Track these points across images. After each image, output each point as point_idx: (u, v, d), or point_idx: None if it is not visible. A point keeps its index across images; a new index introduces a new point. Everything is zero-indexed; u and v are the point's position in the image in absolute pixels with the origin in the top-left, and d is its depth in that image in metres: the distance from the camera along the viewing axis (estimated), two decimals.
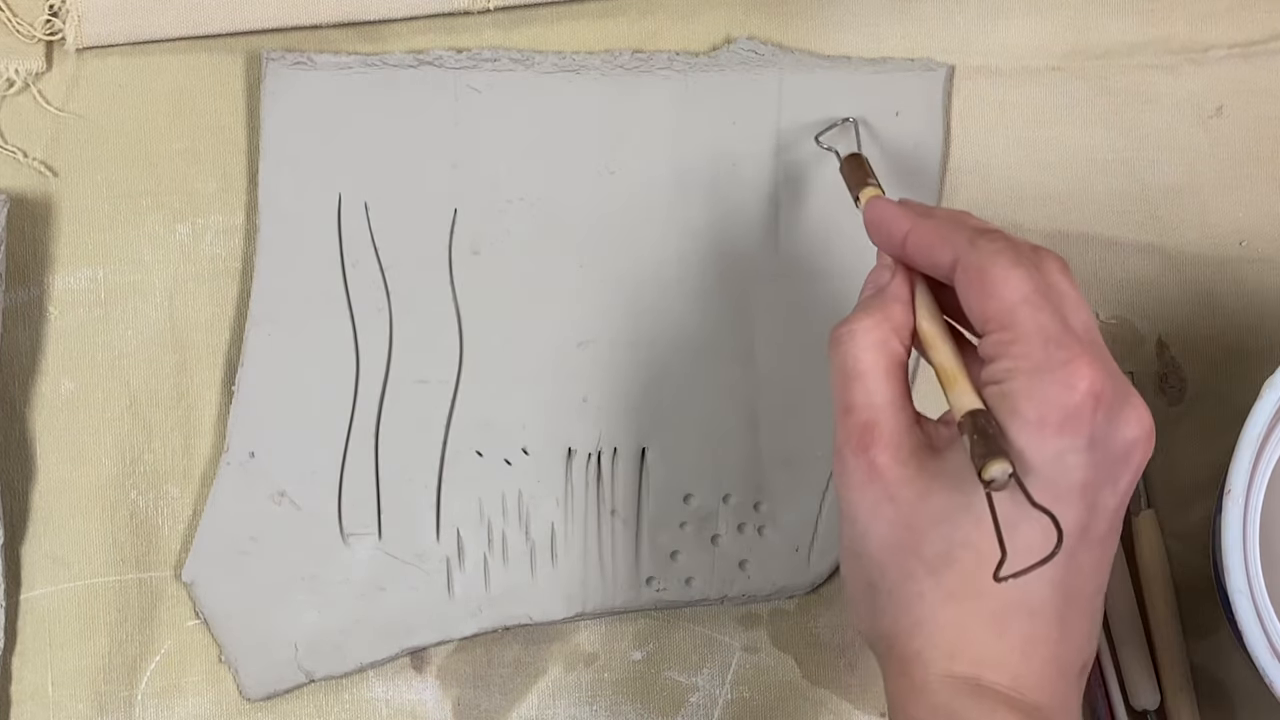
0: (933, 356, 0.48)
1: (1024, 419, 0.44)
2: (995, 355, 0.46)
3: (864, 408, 0.47)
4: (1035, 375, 0.45)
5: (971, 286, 0.47)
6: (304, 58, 0.61)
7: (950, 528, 0.46)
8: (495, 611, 0.61)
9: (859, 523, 0.47)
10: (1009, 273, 0.46)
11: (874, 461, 0.47)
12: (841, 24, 0.64)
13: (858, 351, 0.48)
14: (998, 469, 0.43)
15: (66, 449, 0.61)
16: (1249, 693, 0.62)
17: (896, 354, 0.48)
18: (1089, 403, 0.44)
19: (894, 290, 0.50)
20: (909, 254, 0.50)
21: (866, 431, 0.47)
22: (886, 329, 0.48)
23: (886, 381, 0.48)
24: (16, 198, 0.60)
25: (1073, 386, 0.44)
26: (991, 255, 0.47)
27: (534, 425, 0.61)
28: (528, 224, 0.62)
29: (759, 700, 0.62)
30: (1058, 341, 0.45)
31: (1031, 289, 0.46)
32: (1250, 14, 0.65)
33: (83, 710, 0.60)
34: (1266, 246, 0.65)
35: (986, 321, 0.46)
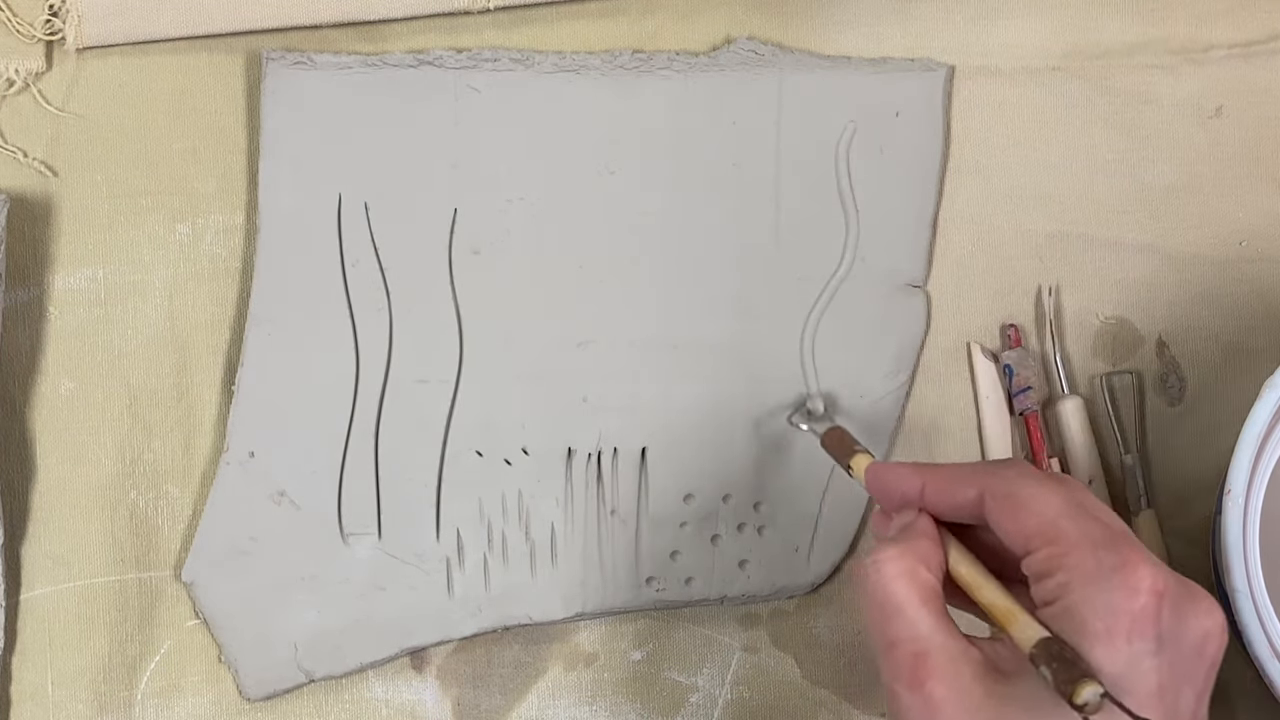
0: (981, 596, 0.47)
1: (1091, 632, 0.43)
2: (1046, 571, 0.45)
3: (909, 639, 0.45)
4: (1094, 584, 0.43)
5: (1005, 511, 0.46)
6: (304, 58, 0.61)
7: None
8: (495, 611, 0.61)
9: None
10: (1039, 489, 0.46)
11: (931, 695, 0.44)
12: (841, 24, 0.64)
13: (888, 583, 0.46)
14: (1089, 692, 0.41)
15: (66, 449, 0.61)
16: (1249, 693, 0.62)
17: (929, 584, 0.46)
18: (1153, 602, 0.43)
19: (921, 526, 0.48)
20: (929, 503, 0.49)
21: (918, 664, 0.45)
22: (914, 559, 0.47)
23: (926, 609, 0.46)
24: (16, 198, 0.60)
25: (1135, 589, 0.43)
26: (1018, 478, 0.46)
27: (534, 425, 0.61)
28: (528, 224, 0.62)
29: (759, 700, 0.62)
30: (1108, 546, 0.44)
31: (1065, 501, 0.45)
32: (1250, 14, 0.65)
33: (83, 710, 0.60)
34: (1266, 246, 0.65)
35: (1029, 540, 0.45)
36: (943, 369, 0.64)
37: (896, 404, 0.63)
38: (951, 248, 0.64)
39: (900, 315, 0.63)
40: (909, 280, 0.63)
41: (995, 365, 0.63)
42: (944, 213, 0.64)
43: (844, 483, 0.62)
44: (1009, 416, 0.63)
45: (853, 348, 0.63)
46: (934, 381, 0.64)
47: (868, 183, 0.63)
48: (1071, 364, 0.64)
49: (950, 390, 0.64)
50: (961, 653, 0.45)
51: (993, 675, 0.45)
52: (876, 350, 0.63)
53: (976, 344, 0.64)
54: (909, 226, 0.63)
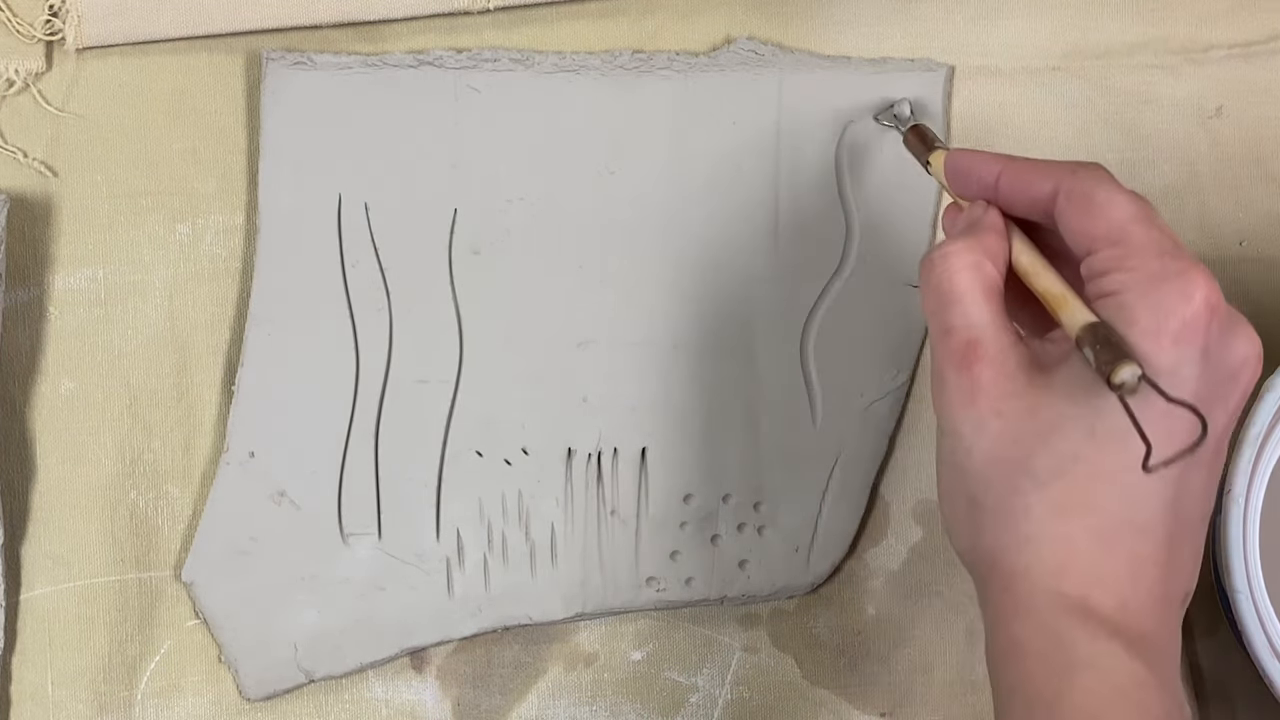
0: (1038, 283, 0.48)
1: (1141, 328, 0.44)
2: (1107, 269, 0.45)
3: (964, 328, 0.47)
4: (1151, 284, 0.44)
5: (1077, 210, 0.47)
6: (304, 58, 0.61)
7: (1060, 441, 0.45)
8: (495, 611, 0.61)
9: (962, 438, 0.47)
10: (1116, 194, 0.46)
11: (978, 377, 0.46)
12: (841, 24, 0.64)
13: (953, 273, 0.48)
14: (1127, 371, 0.42)
15: (66, 449, 0.61)
16: (1249, 693, 0.62)
17: (992, 278, 0.48)
18: (1205, 313, 0.44)
19: (989, 220, 0.49)
20: (1002, 192, 0.50)
21: (970, 349, 0.47)
22: (981, 252, 0.48)
23: (985, 301, 0.47)
24: (16, 198, 0.60)
25: (1190, 296, 0.44)
26: (1097, 180, 0.47)
27: (534, 425, 0.61)
28: (528, 224, 0.62)
29: (759, 700, 0.62)
30: (1172, 254, 0.45)
31: (1139, 209, 0.46)
32: (1250, 14, 0.65)
33: (83, 710, 0.60)
34: (1266, 246, 0.65)
35: (1095, 240, 0.46)
36: None
37: (896, 404, 0.63)
38: None
39: (900, 315, 0.63)
40: (909, 280, 0.63)
41: None
42: None
43: (844, 483, 0.62)
44: None
45: (853, 348, 0.63)
46: None
47: (868, 183, 0.63)
48: None
49: None
50: (1011, 344, 0.47)
51: (1037, 366, 0.47)
52: (876, 350, 0.63)
53: None
54: (909, 226, 0.63)
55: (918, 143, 0.58)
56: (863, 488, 0.63)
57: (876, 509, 0.63)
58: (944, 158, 0.53)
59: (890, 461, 0.63)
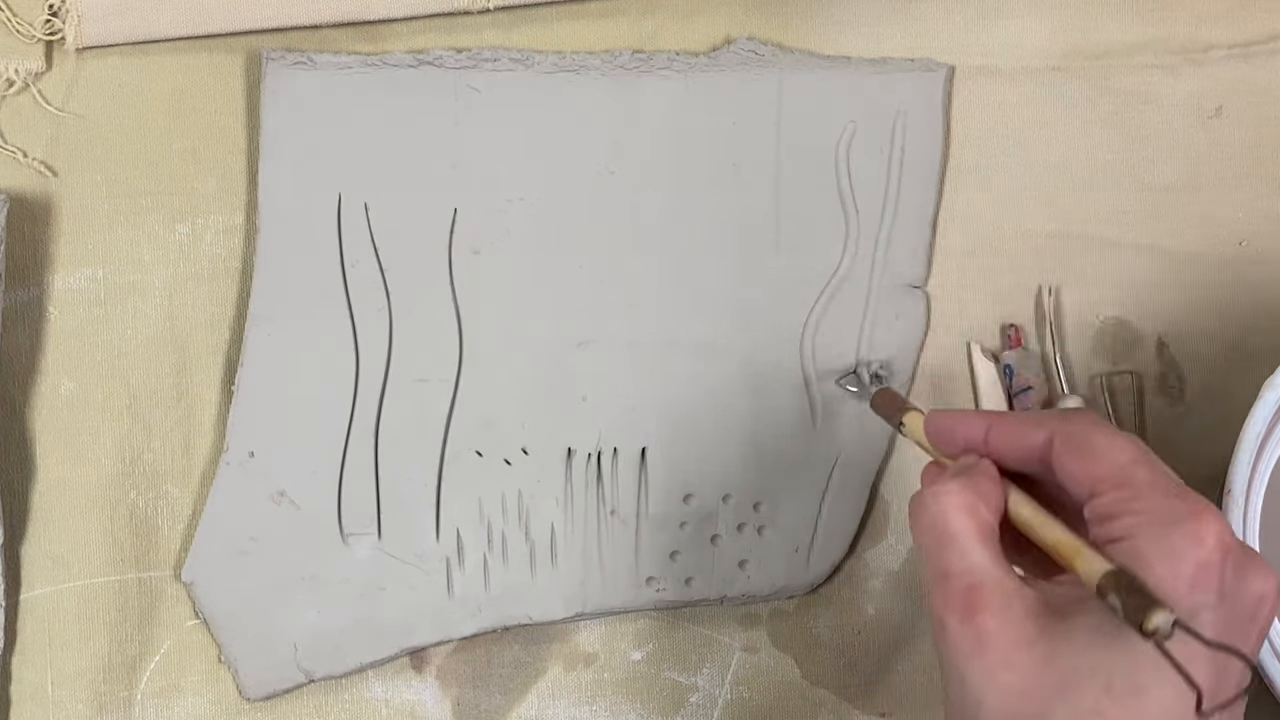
0: (1045, 535, 0.46)
1: (1155, 574, 0.43)
2: (1113, 513, 0.44)
3: (963, 572, 0.45)
4: (1162, 528, 0.43)
5: (1075, 454, 0.46)
6: (304, 58, 0.61)
7: (1077, 695, 0.43)
8: (495, 611, 0.61)
9: (970, 691, 0.45)
10: (1114, 437, 0.46)
11: (983, 626, 0.44)
12: (841, 24, 0.64)
13: (948, 514, 0.46)
14: (1161, 618, 0.41)
15: (66, 449, 0.61)
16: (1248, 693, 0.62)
17: (989, 522, 0.46)
18: (1218, 554, 0.43)
19: (983, 467, 0.48)
20: (993, 445, 0.48)
21: (971, 595, 0.45)
22: (975, 496, 0.47)
23: (983, 545, 0.46)
24: (16, 198, 0.60)
25: (1202, 539, 0.43)
26: (1091, 425, 0.46)
27: (534, 425, 0.61)
28: (528, 224, 0.62)
29: (759, 700, 0.62)
30: (1179, 495, 0.44)
31: (1139, 450, 0.45)
32: (1250, 14, 0.65)
33: (83, 710, 0.60)
34: (1266, 246, 0.65)
35: (1097, 483, 0.45)
36: (943, 369, 0.64)
37: None
38: (951, 248, 0.64)
39: (900, 315, 0.63)
40: (909, 280, 0.63)
41: (995, 365, 0.63)
42: (944, 213, 0.64)
43: (844, 483, 0.62)
44: None
45: (853, 348, 0.63)
46: (934, 381, 0.64)
47: (868, 183, 0.63)
48: (1071, 364, 0.64)
49: (950, 390, 0.64)
50: (1016, 589, 0.45)
51: (1047, 612, 0.45)
52: (876, 351, 0.63)
53: (976, 344, 0.64)
54: (909, 226, 0.63)
55: (887, 406, 0.57)
56: (863, 488, 0.63)
57: (876, 509, 0.63)
58: (923, 421, 0.52)
59: (890, 461, 0.63)
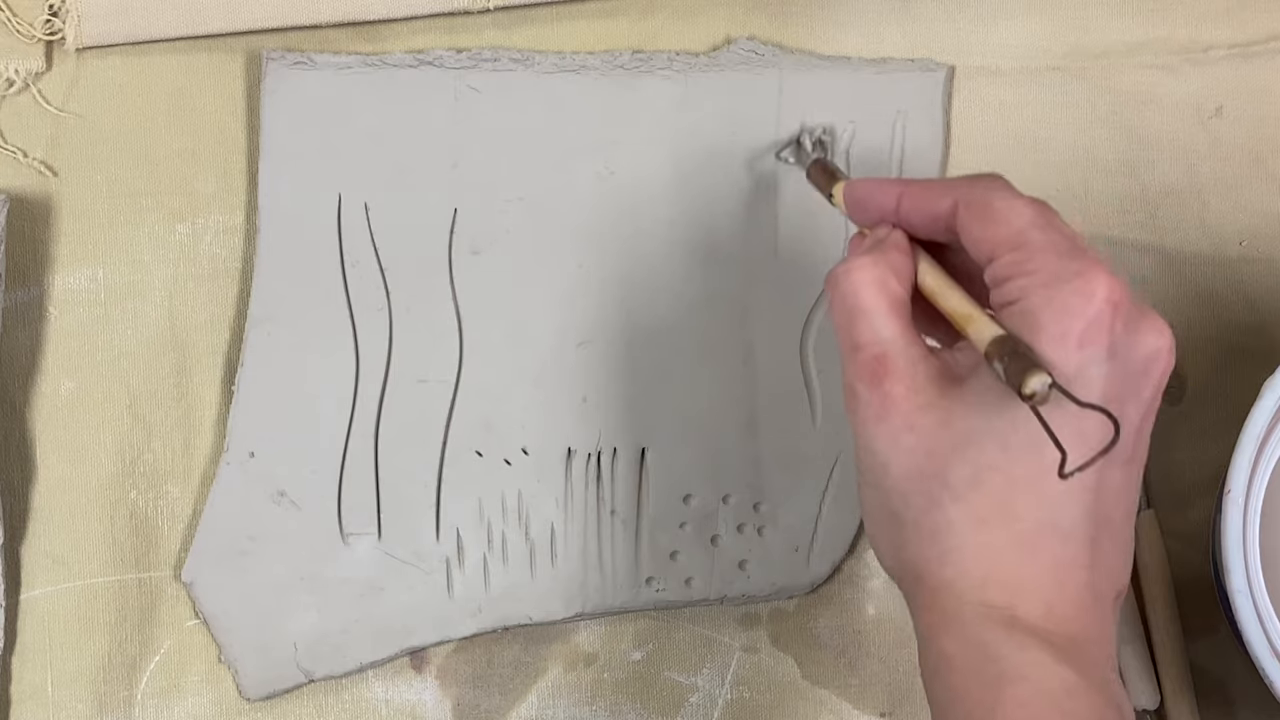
0: (944, 303, 0.48)
1: (1045, 333, 0.44)
2: (1008, 274, 0.46)
3: (872, 343, 0.47)
4: (1052, 287, 0.44)
5: (976, 219, 0.47)
6: (304, 58, 0.61)
7: (976, 451, 0.45)
8: (495, 611, 0.61)
9: (877, 455, 0.47)
10: (1013, 200, 0.47)
11: (889, 393, 0.46)
12: (841, 24, 0.64)
13: (859, 289, 0.48)
14: (1037, 381, 0.42)
15: (66, 448, 0.61)
16: (1249, 693, 0.62)
17: (898, 293, 0.48)
18: (1108, 310, 0.44)
19: (893, 239, 0.49)
20: (904, 214, 0.50)
21: (878, 364, 0.47)
22: (886, 269, 0.48)
23: (892, 316, 0.47)
24: (16, 198, 0.60)
25: (1091, 295, 0.44)
26: (994, 188, 0.47)
27: (534, 425, 0.61)
28: (528, 224, 0.62)
29: (759, 700, 0.62)
30: (1071, 254, 0.45)
31: (1037, 213, 0.46)
32: (1250, 14, 0.65)
33: (83, 710, 0.60)
34: (1266, 246, 0.65)
35: (995, 247, 0.46)
36: None
37: None
38: None
39: None
40: None
41: None
42: None
43: (844, 483, 0.62)
44: None
45: None
46: None
47: None
48: None
49: None
50: (920, 357, 0.47)
51: (947, 378, 0.47)
52: None
53: None
54: None
55: (821, 176, 0.57)
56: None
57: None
58: (845, 185, 0.53)
59: None
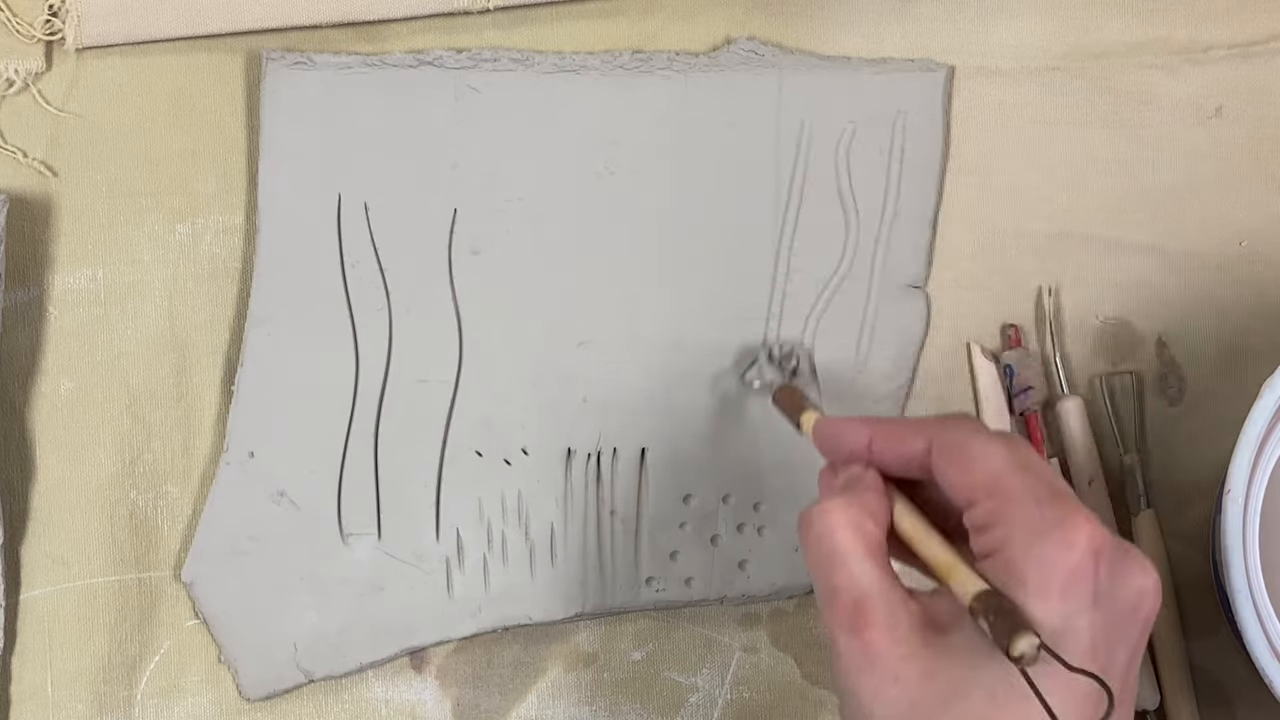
0: (923, 551, 0.47)
1: (1028, 586, 0.43)
2: (987, 523, 0.45)
3: (850, 588, 0.46)
4: (1032, 537, 0.44)
5: (952, 463, 0.46)
6: (304, 58, 0.61)
7: (963, 705, 0.44)
8: (495, 611, 0.61)
9: (861, 705, 0.45)
10: (988, 445, 0.46)
11: (870, 642, 0.45)
12: (841, 24, 0.64)
13: (834, 532, 0.47)
14: (1025, 643, 0.42)
15: (66, 448, 0.61)
16: (1249, 693, 0.62)
17: (875, 536, 0.47)
18: (1089, 559, 0.43)
19: (868, 480, 0.49)
20: (876, 454, 0.49)
21: (858, 612, 0.45)
22: (861, 511, 0.47)
23: (869, 561, 0.46)
24: (16, 198, 0.60)
25: (1072, 544, 0.43)
26: (968, 432, 0.47)
27: (534, 425, 0.61)
28: (527, 224, 0.62)
29: (759, 700, 0.62)
30: (1049, 501, 0.44)
31: (1012, 457, 0.46)
32: (1250, 14, 0.65)
33: (83, 710, 0.60)
34: (1266, 246, 0.65)
35: (973, 492, 0.46)
36: (943, 369, 0.64)
37: (896, 405, 0.63)
38: (951, 248, 0.64)
39: (900, 315, 0.63)
40: (909, 280, 0.63)
41: (995, 365, 0.63)
42: (944, 213, 0.64)
43: None
44: (1009, 417, 0.63)
45: (853, 348, 0.63)
46: (934, 381, 0.63)
47: (868, 183, 0.63)
48: (1071, 364, 0.64)
49: (950, 390, 0.64)
50: (901, 603, 0.46)
51: (931, 627, 0.46)
52: (876, 350, 0.63)
53: (976, 344, 0.63)
54: (909, 226, 0.63)
55: (788, 403, 0.57)
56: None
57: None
58: (814, 422, 0.52)
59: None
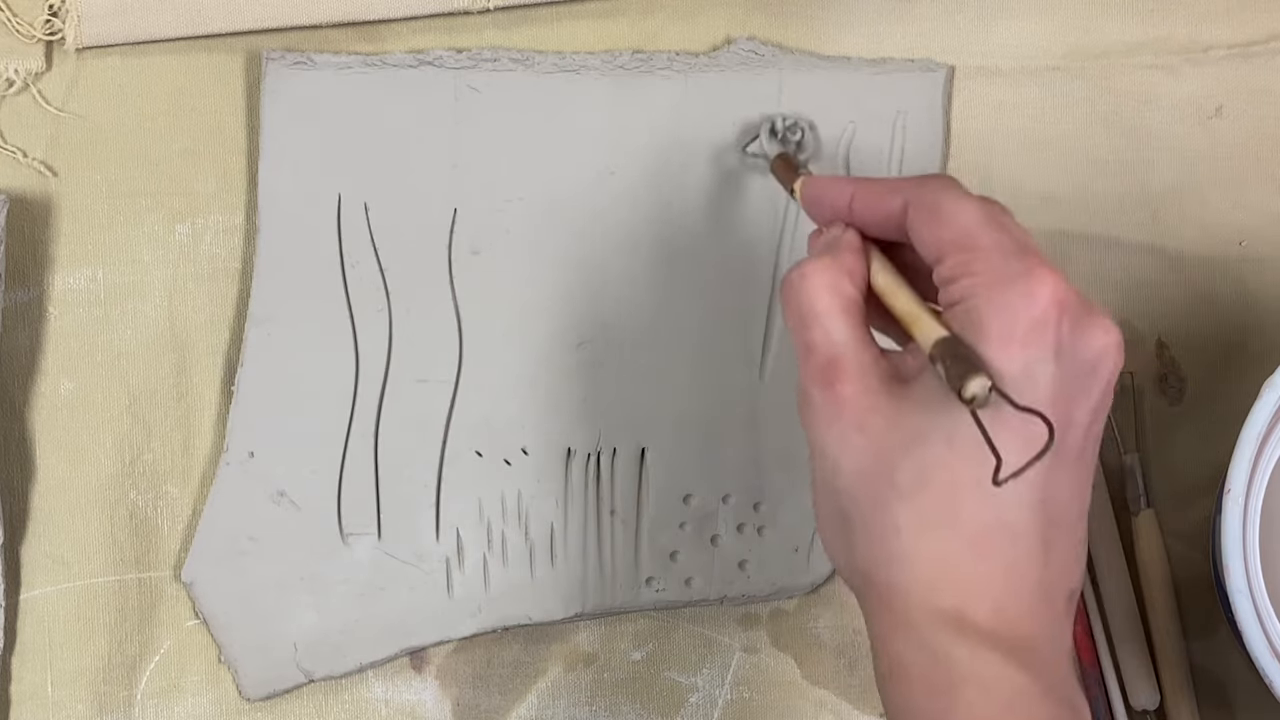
0: (893, 303, 0.48)
1: (989, 335, 0.44)
2: (954, 275, 0.45)
3: (825, 345, 0.47)
4: (997, 288, 0.44)
5: (925, 220, 0.47)
6: (304, 58, 0.61)
7: (922, 450, 0.45)
8: (495, 611, 0.61)
9: (828, 456, 0.47)
10: (961, 201, 0.47)
11: (840, 394, 0.46)
12: (841, 24, 0.64)
13: (813, 292, 0.48)
14: (977, 384, 0.42)
15: (66, 449, 0.61)
16: (1249, 693, 0.62)
17: (851, 296, 0.48)
18: (1053, 311, 0.44)
19: (846, 240, 0.49)
20: (856, 212, 0.50)
21: (831, 367, 0.47)
22: (839, 272, 0.48)
23: (844, 320, 0.47)
24: (16, 198, 0.60)
25: (1035, 295, 0.44)
26: (943, 189, 0.47)
27: (533, 425, 0.61)
28: (527, 224, 0.62)
29: (759, 700, 0.62)
30: (1017, 254, 0.45)
31: (984, 214, 0.46)
32: (1250, 14, 0.65)
33: (83, 710, 0.60)
34: (1266, 246, 0.65)
35: (943, 247, 0.46)
36: None
37: None
38: None
39: None
40: None
41: None
42: None
43: None
44: None
45: None
46: None
47: None
48: None
49: None
50: (872, 360, 0.47)
51: (897, 378, 0.47)
52: None
53: None
54: None
55: (784, 171, 0.57)
56: None
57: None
58: (800, 184, 0.53)
59: None
